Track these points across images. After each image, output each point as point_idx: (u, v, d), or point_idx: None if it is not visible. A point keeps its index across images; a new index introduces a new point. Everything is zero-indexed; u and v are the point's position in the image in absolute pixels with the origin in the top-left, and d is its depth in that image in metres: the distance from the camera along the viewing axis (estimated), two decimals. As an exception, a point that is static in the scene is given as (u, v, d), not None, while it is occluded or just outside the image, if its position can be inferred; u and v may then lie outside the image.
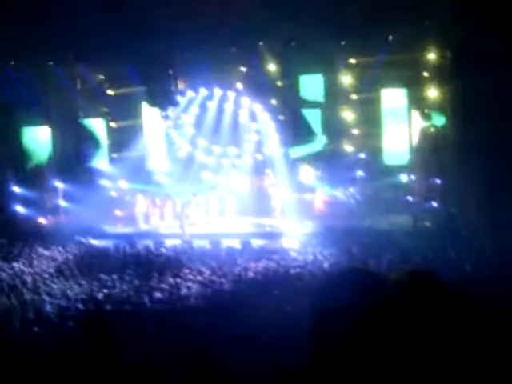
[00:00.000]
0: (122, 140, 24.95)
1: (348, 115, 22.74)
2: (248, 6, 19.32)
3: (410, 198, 21.92)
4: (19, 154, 23.78)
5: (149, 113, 24.21)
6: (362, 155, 22.91)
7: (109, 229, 23.02)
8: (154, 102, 22.14)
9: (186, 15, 19.29)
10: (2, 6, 17.94)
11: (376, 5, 19.23)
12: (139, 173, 24.46)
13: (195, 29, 19.91)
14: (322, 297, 1.60)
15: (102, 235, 21.90)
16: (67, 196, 23.95)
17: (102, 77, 25.24)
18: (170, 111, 23.44)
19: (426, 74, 21.42)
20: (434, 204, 21.01)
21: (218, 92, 25.09)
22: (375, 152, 22.32)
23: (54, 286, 14.34)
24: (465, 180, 19.18)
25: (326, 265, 15.67)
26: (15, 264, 16.72)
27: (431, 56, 20.95)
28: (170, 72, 21.71)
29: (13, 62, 22.37)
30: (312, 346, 1.60)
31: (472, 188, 18.78)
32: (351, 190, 23.04)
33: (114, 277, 14.94)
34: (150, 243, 19.59)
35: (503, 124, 18.46)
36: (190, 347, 4.70)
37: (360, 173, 22.96)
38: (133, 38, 19.91)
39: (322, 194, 23.55)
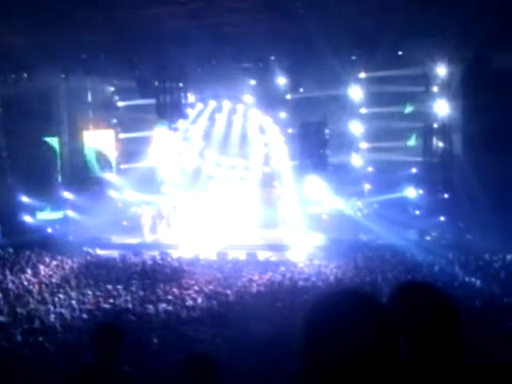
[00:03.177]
0: (130, 151, 25.08)
1: (357, 129, 22.81)
2: (260, 21, 19.35)
3: (417, 212, 21.87)
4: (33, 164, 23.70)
5: (158, 125, 24.34)
6: (370, 169, 22.92)
7: (115, 239, 23.08)
8: (163, 114, 22.19)
9: (198, 28, 19.36)
10: (14, 18, 18.07)
11: (387, 20, 19.23)
12: (147, 184, 24.53)
13: (206, 42, 20.00)
14: (311, 316, 1.64)
15: (108, 245, 21.92)
16: (75, 206, 24.05)
17: (112, 89, 25.46)
18: (180, 123, 23.51)
19: (435, 89, 21.44)
20: (442, 218, 20.93)
21: (227, 104, 25.22)
22: (383, 166, 22.30)
23: (60, 295, 14.30)
24: (472, 195, 19.09)
25: (331, 278, 15.60)
26: (21, 273, 16.67)
27: (440, 71, 20.97)
28: (180, 84, 21.79)
29: (26, 75, 22.54)
30: (301, 360, 1.64)
31: (480, 202, 18.67)
32: (358, 203, 23.02)
33: (120, 287, 14.91)
34: (156, 254, 19.57)
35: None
36: (194, 358, 4.68)
37: (367, 186, 22.94)
38: (143, 51, 20.04)
39: (329, 206, 23.53)
